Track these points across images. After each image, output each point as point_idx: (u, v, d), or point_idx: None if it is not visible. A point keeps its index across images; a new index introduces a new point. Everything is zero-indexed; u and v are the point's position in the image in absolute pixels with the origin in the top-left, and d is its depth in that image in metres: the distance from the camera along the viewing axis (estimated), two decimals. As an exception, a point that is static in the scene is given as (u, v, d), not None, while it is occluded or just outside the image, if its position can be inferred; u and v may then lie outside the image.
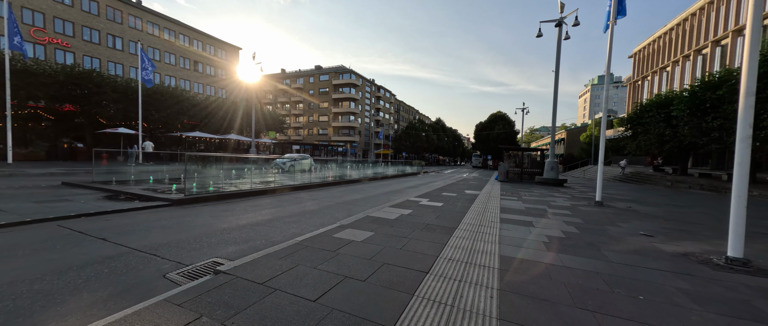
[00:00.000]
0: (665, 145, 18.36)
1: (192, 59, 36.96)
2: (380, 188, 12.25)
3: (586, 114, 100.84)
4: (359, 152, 62.76)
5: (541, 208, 7.30)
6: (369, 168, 20.47)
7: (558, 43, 15.46)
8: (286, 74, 66.36)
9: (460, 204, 7.40)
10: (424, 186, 13.46)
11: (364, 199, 8.72)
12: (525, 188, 12.75)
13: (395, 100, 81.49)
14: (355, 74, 59.95)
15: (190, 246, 3.83)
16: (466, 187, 12.19)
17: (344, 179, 14.36)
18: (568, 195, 10.39)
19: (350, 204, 7.85)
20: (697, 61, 26.10)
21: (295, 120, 65.29)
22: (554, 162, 15.78)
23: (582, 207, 7.62)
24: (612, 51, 8.28)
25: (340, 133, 60.21)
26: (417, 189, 11.94)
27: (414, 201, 7.53)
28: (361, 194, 9.94)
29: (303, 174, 15.79)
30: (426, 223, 5.12)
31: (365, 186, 13.00)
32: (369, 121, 65.84)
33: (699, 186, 14.97)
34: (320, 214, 6.29)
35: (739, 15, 21.88)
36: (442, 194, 9.43)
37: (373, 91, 68.83)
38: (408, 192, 11.11)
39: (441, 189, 10.85)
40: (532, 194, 10.37)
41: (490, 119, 52.10)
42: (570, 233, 4.82)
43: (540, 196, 9.81)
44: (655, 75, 32.62)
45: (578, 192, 11.63)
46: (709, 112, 14.17)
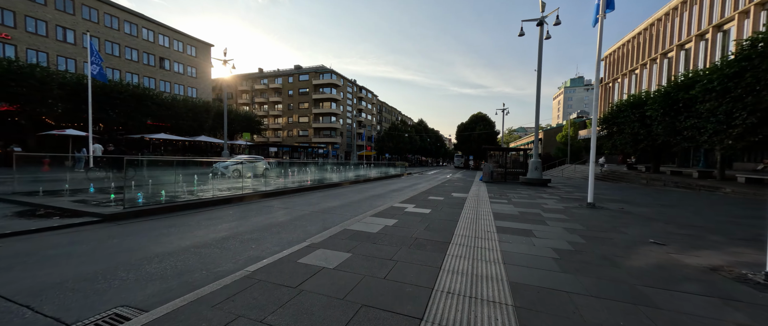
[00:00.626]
0: (640, 144, 18.91)
1: (157, 56, 34.24)
2: (362, 192, 11.40)
3: (560, 115, 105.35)
4: (341, 154, 61.44)
5: (534, 213, 6.78)
6: (350, 170, 19.54)
7: (540, 43, 15.37)
8: (264, 74, 63.84)
9: (450, 210, 6.72)
10: (409, 190, 12.77)
11: (343, 206, 7.84)
12: (511, 189, 12.40)
13: (377, 101, 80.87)
14: (336, 74, 58.68)
15: (94, 286, 2.80)
16: (452, 189, 11.62)
17: (324, 183, 13.37)
18: (556, 197, 10.07)
19: (327, 213, 6.94)
20: (664, 64, 27.48)
21: (273, 121, 62.86)
22: (538, 162, 15.66)
23: (576, 210, 7.19)
24: (601, 46, 8.00)
25: (321, 135, 58.63)
26: (401, 193, 11.22)
27: (399, 208, 6.76)
28: (341, 200, 9.05)
29: (279, 178, 14.61)
30: (414, 237, 4.36)
31: (346, 190, 12.10)
32: (351, 122, 64.71)
33: (673, 184, 15.38)
34: (289, 228, 5.36)
35: (701, 21, 23.18)
36: (428, 198, 8.74)
37: (354, 91, 67.78)
38: (392, 196, 10.35)
39: (427, 193, 10.19)
40: (520, 196, 9.95)
41: (471, 120, 52.76)
42: (577, 244, 4.23)
43: (529, 198, 9.38)
44: (625, 77, 34.17)
45: (565, 193, 11.41)
46: (682, 111, 14.58)
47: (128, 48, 31.69)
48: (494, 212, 6.70)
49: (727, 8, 21.01)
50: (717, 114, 12.20)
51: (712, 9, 22.20)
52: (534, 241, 4.33)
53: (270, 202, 8.23)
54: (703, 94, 12.94)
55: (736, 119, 11.42)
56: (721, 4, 21.49)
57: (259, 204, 7.94)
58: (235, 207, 7.38)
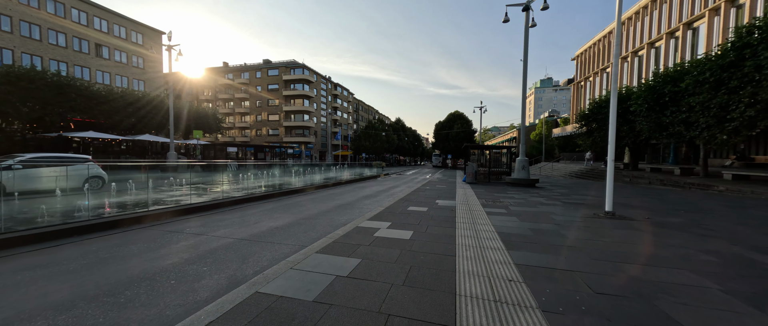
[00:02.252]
0: (622, 141, 18.40)
1: (92, 41, 29.35)
2: (327, 201, 9.19)
3: (532, 115, 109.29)
4: (315, 154, 58.27)
5: (550, 230, 5.02)
6: (319, 172, 17.18)
7: (526, 29, 14.05)
8: (230, 68, 58.85)
9: (439, 232, 4.77)
10: (385, 196, 10.76)
11: (289, 228, 5.61)
12: (500, 191, 10.84)
13: (354, 99, 78.28)
14: (309, 69, 55.38)
15: None
16: (435, 194, 9.78)
17: (282, 190, 10.97)
18: (555, 201, 8.54)
19: (255, 244, 4.68)
20: (634, 62, 27.92)
21: (240, 119, 58.14)
22: (525, 160, 14.35)
23: (598, 223, 5.56)
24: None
25: (293, 134, 55.06)
26: (375, 202, 9.16)
27: (367, 231, 4.70)
28: (293, 215, 6.80)
29: (216, 187, 11.98)
30: (385, 311, 2.31)
31: (308, 199, 9.82)
32: (325, 120, 61.63)
33: (659, 182, 14.76)
34: (146, 294, 3.09)
35: (671, 19, 23.51)
36: (408, 210, 6.77)
37: (329, 88, 64.73)
38: (363, 206, 8.25)
39: (406, 201, 8.22)
40: (516, 201, 8.30)
41: (449, 118, 52.05)
42: (674, 297, 2.42)
43: (528, 205, 7.74)
44: (597, 76, 34.76)
45: (559, 194, 10.00)
46: (669, 105, 13.93)
47: (52, 31, 26.68)
48: (498, 231, 4.85)
49: (696, 6, 21.29)
50: (710, 107, 11.47)
51: (681, 7, 22.50)
52: (597, 302, 2.45)
53: (186, 224, 5.80)
54: (693, 87, 12.22)
55: (733, 112, 10.67)
56: (690, 3, 21.78)
57: (168, 227, 5.49)
58: (119, 234, 4.89)
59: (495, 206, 7.52)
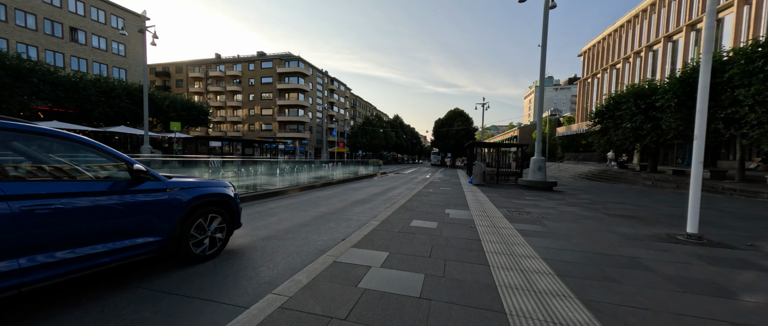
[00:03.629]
0: (643, 140, 16.77)
1: (66, 24, 27.08)
2: (306, 209, 7.38)
3: (531, 114, 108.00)
4: (310, 150, 56.30)
5: (630, 263, 3.26)
6: (308, 171, 15.35)
7: (545, 10, 12.27)
8: (221, 60, 56.47)
9: (464, 275, 2.99)
10: (381, 200, 8.96)
11: (227, 261, 3.82)
12: (517, 196, 9.11)
13: (351, 95, 76.20)
14: (304, 62, 53.23)
15: None
16: (442, 200, 8.02)
17: (258, 191, 9.15)
18: (597, 213, 6.81)
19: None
20: (649, 57, 26.31)
21: (232, 113, 55.92)
22: (542, 160, 12.65)
23: (693, 253, 3.82)
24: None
25: (288, 129, 53.00)
26: (368, 210, 7.36)
27: (349, 274, 2.92)
28: (248, 233, 5.00)
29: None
30: None
31: (283, 204, 8.01)
32: (321, 115, 59.57)
33: (689, 186, 13.11)
34: None
35: (692, 9, 21.86)
36: (411, 226, 5.00)
37: (325, 83, 62.61)
38: (350, 220, 6.45)
39: (407, 210, 6.45)
40: (545, 212, 6.56)
41: (449, 116, 50.32)
42: None
43: (565, 218, 6.00)
44: (605, 72, 33.16)
45: (593, 202, 8.28)
46: (706, 100, 12.23)
47: (20, 11, 24.39)
48: (552, 265, 3.08)
49: (722, -5, 19.64)
50: (764, 101, 9.80)
51: (704, -3, 20.84)
52: None
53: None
54: (740, 78, 10.54)
55: None
56: (714, -8, 20.12)
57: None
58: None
59: (523, 219, 5.77)
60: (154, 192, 2.87)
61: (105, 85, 22.52)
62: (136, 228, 2.71)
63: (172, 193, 3.04)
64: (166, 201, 2.95)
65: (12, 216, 1.98)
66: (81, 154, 2.62)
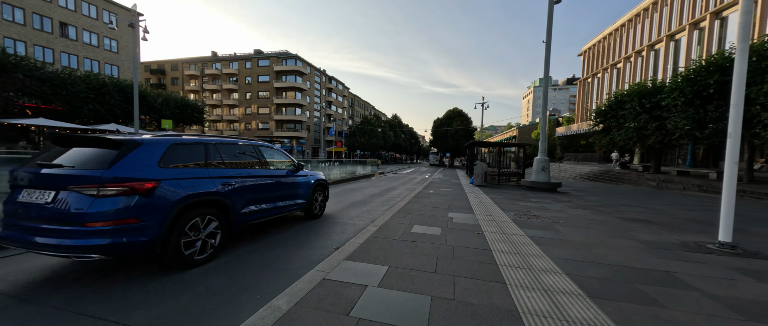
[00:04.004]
0: (647, 140, 16.40)
1: (56, 19, 26.32)
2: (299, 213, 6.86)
3: (530, 114, 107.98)
4: (308, 149, 55.68)
5: (663, 278, 2.80)
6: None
7: (550, 5, 11.83)
8: (218, 58, 55.69)
9: (478, 296, 2.51)
10: (379, 202, 8.46)
11: (204, 276, 3.33)
12: (521, 197, 8.66)
13: (349, 94, 75.62)
14: (302, 60, 52.59)
15: None
16: (444, 202, 7.54)
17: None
18: (608, 216, 6.37)
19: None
20: (650, 56, 26.00)
21: (228, 111, 55.18)
22: (545, 160, 12.21)
23: (734, 266, 3.36)
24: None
25: (285, 128, 52.36)
26: (364, 213, 6.86)
27: (341, 294, 2.44)
28: (237, 245, 4.49)
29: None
30: None
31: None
32: (319, 114, 58.96)
33: (698, 187, 12.77)
34: None
35: (695, 8, 21.55)
36: (412, 232, 4.52)
37: (323, 82, 61.99)
38: (344, 225, 5.96)
39: (407, 213, 5.97)
40: (554, 215, 6.11)
41: (448, 115, 49.94)
42: None
43: (576, 222, 5.55)
44: (606, 72, 32.86)
45: (602, 204, 7.83)
46: (714, 98, 11.88)
47: (7, 5, 23.62)
48: (578, 281, 2.61)
49: (726, -7, 19.31)
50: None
51: (708, -5, 20.53)
52: None
53: None
54: (752, 75, 10.15)
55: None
56: (718, -10, 19.80)
57: None
58: None
59: (534, 224, 5.30)
60: (302, 177, 5.29)
61: (95, 81, 21.83)
62: (295, 194, 5.02)
63: (308, 178, 5.48)
64: (307, 182, 5.39)
65: (257, 186, 4.11)
66: (277, 156, 4.96)
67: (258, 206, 4.06)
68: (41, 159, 2.82)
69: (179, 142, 3.27)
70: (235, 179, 3.70)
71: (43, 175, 2.61)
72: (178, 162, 3.14)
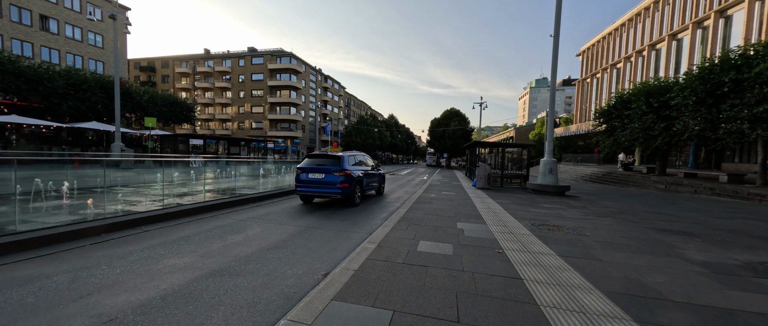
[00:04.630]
0: (654, 141, 15.82)
1: (36, 12, 24.97)
2: (285, 223, 6.00)
3: (526, 115, 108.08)
4: (303, 149, 54.61)
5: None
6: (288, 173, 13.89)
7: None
8: (211, 55, 54.34)
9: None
10: (376, 207, 7.62)
11: None
12: (531, 203, 7.91)
13: (345, 93, 74.64)
14: (297, 59, 51.51)
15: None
16: (449, 209, 6.74)
17: (234, 197, 7.73)
18: (643, 226, 5.62)
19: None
20: (652, 56, 25.60)
21: (221, 110, 53.85)
22: (552, 162, 11.51)
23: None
24: None
25: (279, 128, 51.21)
26: (353, 229, 6.01)
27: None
28: (204, 265, 3.63)
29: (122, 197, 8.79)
30: None
31: (260, 213, 6.62)
32: (314, 114, 57.91)
33: (709, 190, 12.17)
34: None
35: (699, 6, 21.14)
36: (417, 252, 3.70)
37: (319, 81, 60.96)
38: (337, 236, 5.12)
39: (408, 223, 5.14)
40: (576, 225, 5.34)
41: (445, 115, 49.30)
42: None
43: (605, 234, 4.77)
44: (605, 72, 32.48)
45: (619, 212, 7.11)
46: (729, 97, 11.29)
47: (-20, -5, 22.26)
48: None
49: (731, -9, 18.88)
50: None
51: (712, -7, 20.08)
52: None
53: None
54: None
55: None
56: (723, -12, 19.36)
57: None
58: None
59: (558, 238, 4.52)
60: (380, 172, 9.89)
61: (75, 77, 20.61)
62: (374, 183, 9.43)
63: (381, 173, 10.05)
64: (381, 175, 10.06)
65: (364, 176, 8.42)
66: (369, 160, 9.57)
67: (368, 184, 8.64)
68: (307, 162, 7.51)
69: (351, 154, 8.03)
70: (362, 171, 8.12)
71: (318, 169, 7.15)
72: (353, 163, 7.89)
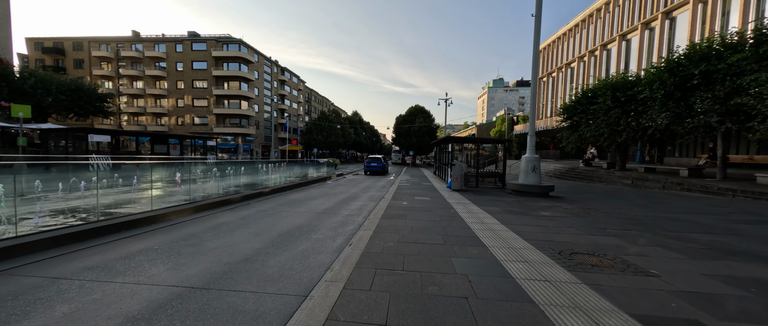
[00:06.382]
0: (619, 136, 15.78)
1: None
2: (185, 262, 3.42)
3: (485, 113, 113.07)
4: (257, 148, 49.46)
5: None
6: (228, 177, 10.91)
7: (540, -29, 9.83)
8: (141, 38, 46.30)
9: None
10: (328, 228, 5.29)
11: None
12: (523, 208, 6.32)
13: (305, 88, 69.94)
14: (247, 46, 46.18)
15: None
16: (431, 226, 4.75)
17: (117, 218, 4.80)
18: (680, 241, 4.16)
19: None
20: (603, 56, 26.80)
21: (154, 103, 46.26)
22: (536, 159, 10.26)
23: None
24: None
25: (228, 124, 45.55)
26: (299, 255, 3.62)
27: None
28: None
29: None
30: None
31: (147, 246, 3.88)
32: (270, 109, 52.85)
33: (678, 186, 12.02)
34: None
35: (646, 8, 22.25)
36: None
37: (275, 73, 55.83)
38: (249, 298, 2.70)
39: (377, 264, 2.99)
40: (602, 239, 3.68)
41: (410, 112, 48.20)
42: None
43: (674, 266, 3.13)
44: (560, 71, 33.80)
45: (641, 222, 5.81)
46: (700, 89, 11.09)
47: None
48: None
49: (675, -5, 19.99)
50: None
51: (658, -4, 21.18)
52: None
53: None
54: (749, 63, 9.27)
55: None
56: (667, -9, 20.47)
57: None
58: None
59: (622, 288, 2.72)
60: (386, 163, 24.07)
61: None
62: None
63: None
64: (386, 163, 23.59)
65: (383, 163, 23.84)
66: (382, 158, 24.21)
67: (382, 166, 22.77)
68: (368, 161, 23.06)
69: (381, 156, 24.31)
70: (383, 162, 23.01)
71: (375, 159, 22.93)
72: (383, 161, 23.34)
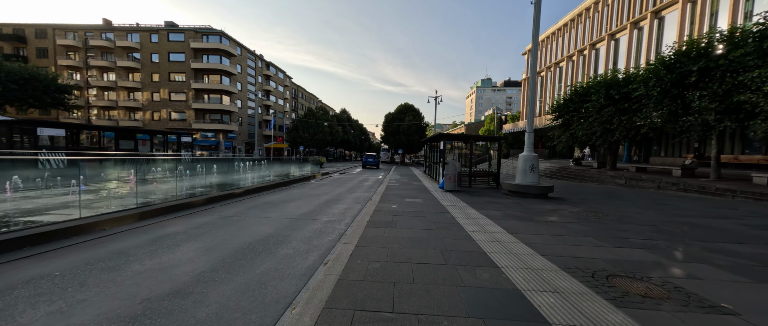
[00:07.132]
0: (612, 135, 15.49)
1: None
2: (122, 288, 2.37)
3: (473, 113, 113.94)
4: (240, 145, 47.41)
5: None
6: (196, 176, 9.70)
7: (541, -44, 9.12)
8: (112, 27, 43.20)
9: None
10: (302, 239, 4.28)
11: None
12: (524, 211, 5.58)
13: (292, 84, 67.88)
14: (229, 38, 43.98)
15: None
16: (427, 236, 3.88)
17: (46, 226, 3.64)
18: (723, 255, 3.46)
19: None
20: (592, 55, 26.82)
21: (127, 96, 43.38)
22: (534, 158, 9.60)
23: None
24: None
25: (208, 119, 43.30)
26: (257, 281, 2.62)
27: None
28: None
29: None
30: None
31: (71, 264, 2.76)
32: (254, 105, 50.76)
33: (673, 186, 11.72)
34: None
35: (635, 8, 22.25)
36: None
37: (259, 67, 53.67)
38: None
39: (356, 295, 2.07)
40: (626, 252, 2.94)
41: (399, 110, 47.43)
42: None
43: (740, 295, 2.39)
44: (549, 70, 33.83)
45: (662, 230, 5.16)
46: (697, 86, 10.75)
47: None
48: None
49: (665, -6, 19.97)
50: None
51: (647, -6, 21.15)
52: None
53: None
54: (753, 59, 8.91)
55: None
56: (657, -9, 20.47)
57: None
58: None
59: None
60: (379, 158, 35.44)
61: None
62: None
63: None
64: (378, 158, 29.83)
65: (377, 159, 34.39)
66: None
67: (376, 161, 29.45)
68: (367, 154, 29.55)
69: (375, 153, 36.22)
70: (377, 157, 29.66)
71: (371, 155, 29.09)
72: (376, 157, 29.73)
